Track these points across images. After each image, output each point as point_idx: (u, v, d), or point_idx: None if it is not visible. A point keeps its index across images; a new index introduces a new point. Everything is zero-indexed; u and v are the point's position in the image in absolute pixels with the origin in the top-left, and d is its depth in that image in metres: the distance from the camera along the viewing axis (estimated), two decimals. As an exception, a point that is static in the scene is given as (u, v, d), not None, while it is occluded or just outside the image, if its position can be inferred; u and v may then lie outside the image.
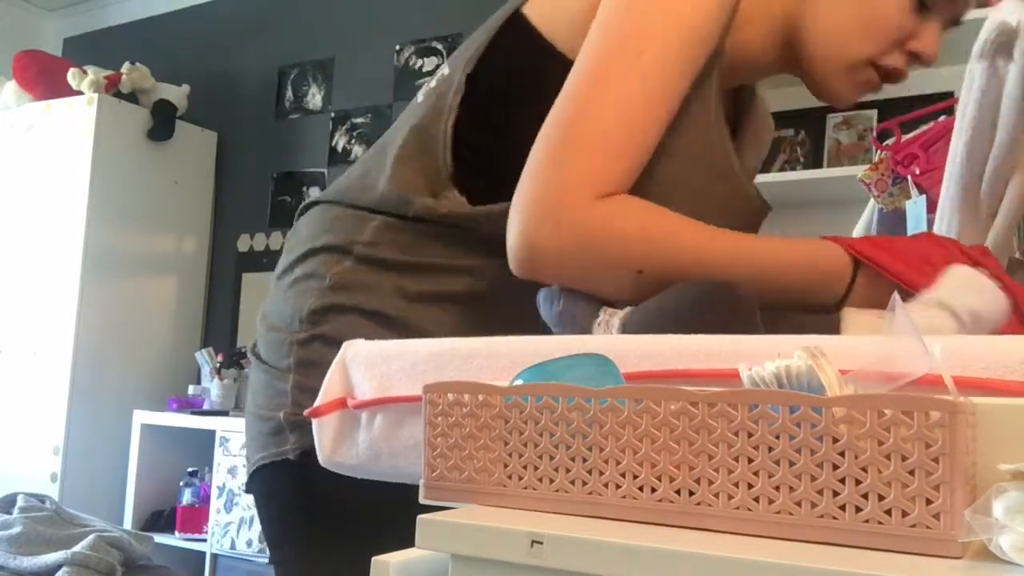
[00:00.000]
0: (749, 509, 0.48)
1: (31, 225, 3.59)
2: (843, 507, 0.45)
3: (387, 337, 0.78)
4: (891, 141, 1.43)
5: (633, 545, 0.46)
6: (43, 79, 3.67)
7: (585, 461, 0.53)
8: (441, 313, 0.90)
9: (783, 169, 2.79)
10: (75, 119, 3.54)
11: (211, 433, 3.20)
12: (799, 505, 0.46)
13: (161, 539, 3.07)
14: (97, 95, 3.52)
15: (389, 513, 0.75)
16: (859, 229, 1.52)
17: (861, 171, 1.52)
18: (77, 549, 1.92)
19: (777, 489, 0.47)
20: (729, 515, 0.48)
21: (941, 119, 1.42)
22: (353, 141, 3.71)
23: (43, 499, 2.24)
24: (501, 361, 0.65)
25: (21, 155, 3.67)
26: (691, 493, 0.50)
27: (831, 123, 2.78)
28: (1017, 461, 0.43)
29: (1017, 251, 1.02)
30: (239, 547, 3.06)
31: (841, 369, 0.50)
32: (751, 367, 0.51)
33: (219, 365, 3.52)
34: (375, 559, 0.56)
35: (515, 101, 0.90)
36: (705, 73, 0.82)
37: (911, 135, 1.40)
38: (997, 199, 0.97)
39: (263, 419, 0.93)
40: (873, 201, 1.49)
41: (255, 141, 3.95)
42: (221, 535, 3.11)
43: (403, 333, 0.88)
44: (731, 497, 0.48)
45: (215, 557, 3.15)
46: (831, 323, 0.71)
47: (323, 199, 1.00)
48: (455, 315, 0.90)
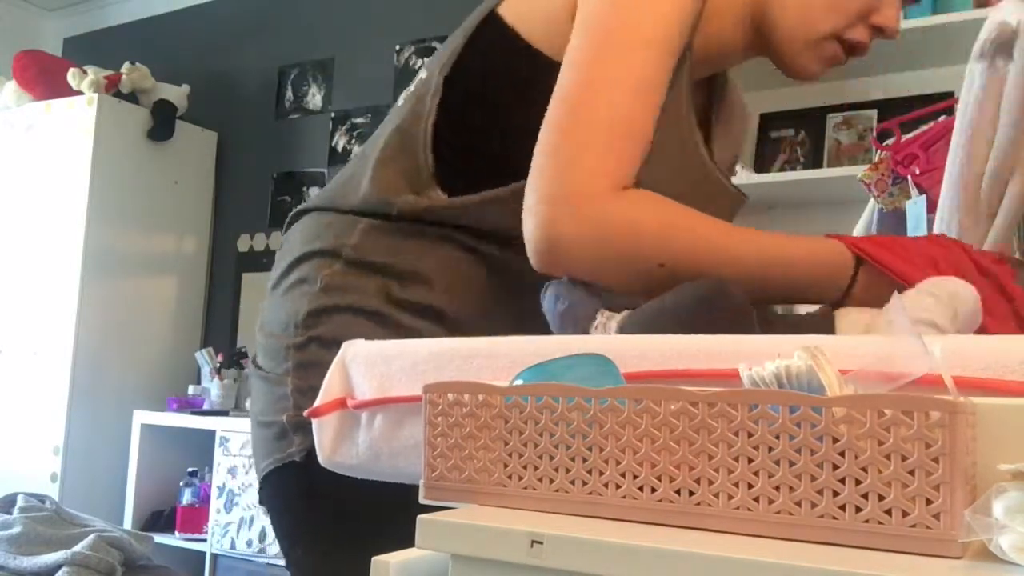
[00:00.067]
0: (749, 509, 0.48)
1: (31, 225, 3.59)
2: (843, 507, 0.45)
3: (381, 335, 0.78)
4: (891, 141, 1.43)
5: (633, 545, 0.46)
6: (43, 79, 3.67)
7: (585, 461, 0.53)
8: (425, 325, 0.90)
9: (783, 169, 2.79)
10: (75, 119, 3.54)
11: (211, 433, 3.20)
12: (799, 505, 0.46)
13: (161, 539, 3.07)
14: (97, 95, 3.53)
15: (389, 513, 0.75)
16: (859, 229, 1.52)
17: (861, 171, 1.51)
18: (77, 549, 1.92)
19: (777, 489, 0.47)
20: (729, 515, 0.48)
21: (941, 119, 1.41)
22: (353, 141, 3.71)
23: (43, 499, 2.24)
24: (501, 361, 0.65)
25: (21, 155, 3.67)
26: (691, 493, 0.50)
27: (831, 123, 2.78)
28: (1017, 461, 0.43)
29: (1017, 251, 1.02)
30: (239, 547, 3.06)
31: (841, 369, 0.50)
32: (751, 367, 0.51)
33: (219, 365, 3.52)
34: (375, 559, 0.56)
35: (493, 101, 0.92)
36: (677, 66, 0.83)
37: (911, 135, 1.40)
38: (997, 199, 0.97)
39: (266, 425, 0.93)
40: (873, 201, 1.49)
41: (255, 141, 3.95)
42: (221, 535, 3.11)
43: (396, 331, 0.88)
44: (731, 497, 0.48)
45: (215, 557, 3.15)
46: (830, 323, 0.71)
47: (312, 206, 1.01)
48: (438, 333, 0.90)
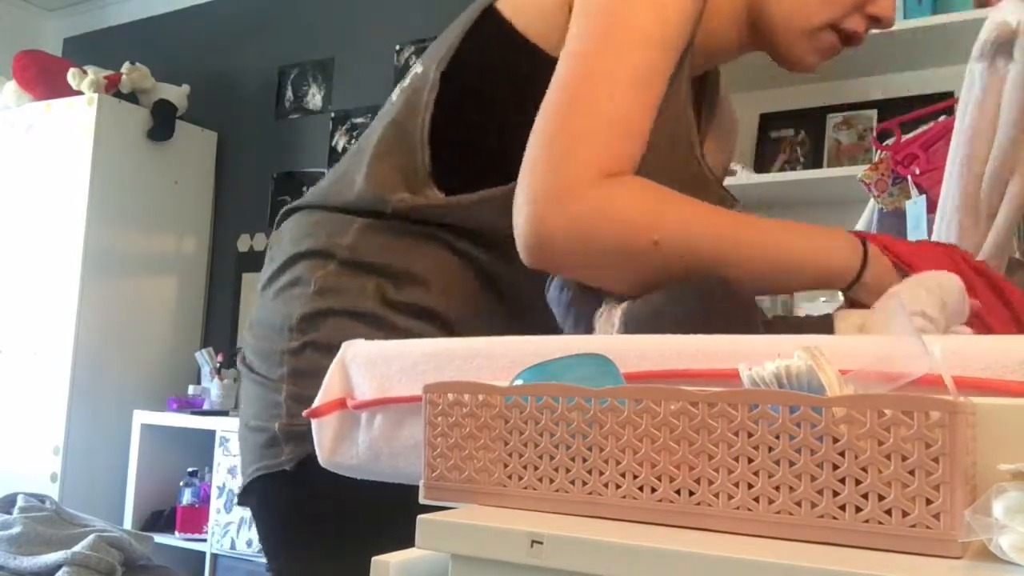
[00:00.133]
0: (749, 509, 0.48)
1: (31, 225, 3.59)
2: (843, 507, 0.45)
3: (377, 338, 0.77)
4: (891, 141, 1.43)
5: (633, 545, 0.46)
6: (43, 79, 3.67)
7: (585, 461, 0.53)
8: (421, 327, 0.89)
9: (783, 169, 2.78)
10: (75, 119, 3.54)
11: (211, 433, 3.20)
12: (799, 505, 0.46)
13: (161, 539, 3.07)
14: (97, 95, 3.53)
15: (389, 513, 0.75)
16: (859, 229, 1.52)
17: (861, 171, 1.51)
18: (77, 549, 1.92)
19: (777, 489, 0.47)
20: (729, 515, 0.48)
21: (941, 119, 1.41)
22: (353, 141, 3.71)
23: (43, 499, 2.24)
24: (501, 361, 0.65)
25: (21, 155, 3.67)
26: (691, 493, 0.50)
27: (831, 123, 2.78)
28: (1017, 461, 0.43)
29: (1017, 251, 1.02)
30: (239, 547, 3.06)
31: (841, 369, 0.50)
32: (751, 367, 0.51)
33: (219, 365, 3.52)
34: (375, 559, 0.56)
35: (490, 96, 0.90)
36: (678, 64, 0.83)
37: (911, 135, 1.40)
38: (997, 199, 0.97)
39: (257, 431, 0.92)
40: (873, 201, 1.49)
41: (255, 141, 3.95)
42: (221, 535, 3.11)
43: (393, 334, 0.87)
44: (731, 497, 0.48)
45: (215, 557, 3.15)
46: (830, 323, 0.71)
47: (303, 204, 0.99)
48: (433, 335, 0.89)
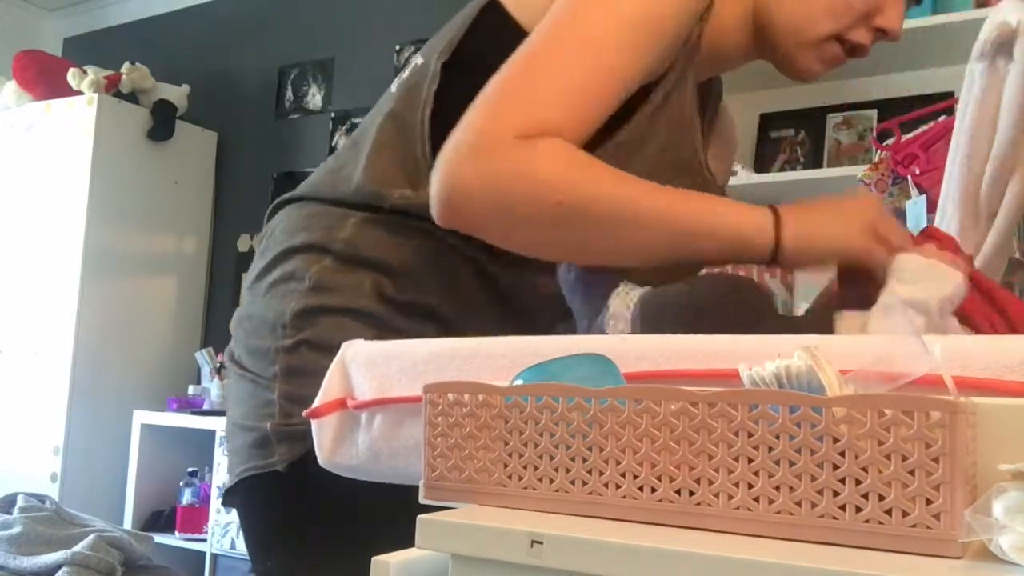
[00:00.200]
0: (749, 509, 0.48)
1: (31, 225, 3.59)
2: (843, 507, 0.45)
3: (372, 337, 0.77)
4: (891, 141, 1.43)
5: (633, 545, 0.46)
6: (43, 79, 3.67)
7: (585, 461, 0.53)
8: (418, 326, 0.88)
9: (783, 169, 2.78)
10: (75, 119, 3.54)
11: (211, 433, 3.20)
12: (799, 505, 0.46)
13: (161, 539, 3.07)
14: (97, 95, 3.52)
15: (389, 513, 0.75)
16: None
17: (861, 171, 1.52)
18: (77, 549, 1.92)
19: (777, 489, 0.47)
20: (729, 515, 0.48)
21: (941, 119, 1.42)
22: (353, 141, 3.71)
23: (43, 499, 2.24)
24: (501, 361, 0.65)
25: (21, 155, 3.67)
26: (691, 493, 0.50)
27: (831, 123, 2.78)
28: (1017, 461, 0.43)
29: (1017, 251, 1.02)
30: (239, 547, 3.06)
31: (841, 369, 0.50)
32: (751, 367, 0.51)
33: (219, 365, 3.51)
34: (375, 559, 0.56)
35: None
36: (684, 68, 0.83)
37: (911, 135, 1.40)
38: (997, 199, 0.97)
39: (247, 430, 0.90)
40: (873, 201, 1.49)
41: (255, 141, 3.95)
42: (221, 535, 3.11)
43: (389, 333, 0.85)
44: (731, 497, 0.48)
45: (215, 557, 3.15)
46: (830, 323, 0.71)
47: (295, 196, 0.98)
48: (430, 334, 0.89)
